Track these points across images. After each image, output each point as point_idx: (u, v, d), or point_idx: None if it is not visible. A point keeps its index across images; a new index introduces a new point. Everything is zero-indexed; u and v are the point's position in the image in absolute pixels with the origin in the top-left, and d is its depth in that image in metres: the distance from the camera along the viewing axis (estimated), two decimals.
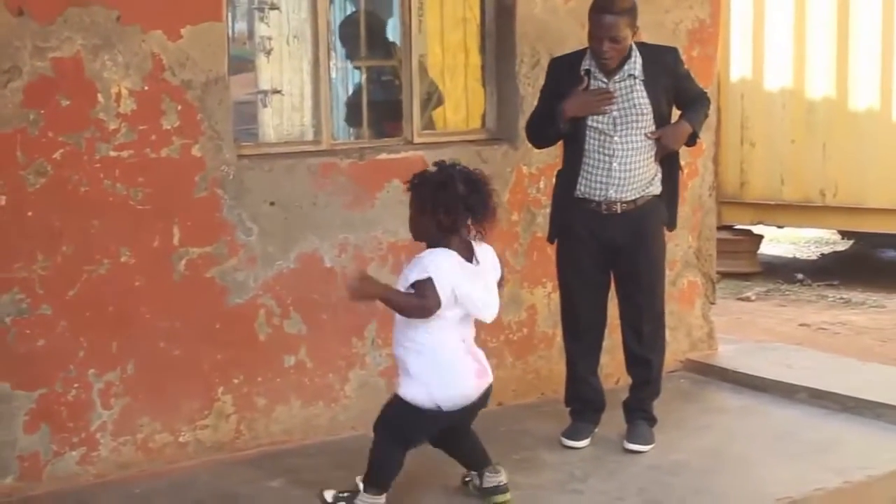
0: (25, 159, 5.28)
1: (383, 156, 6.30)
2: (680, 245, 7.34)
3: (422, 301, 4.88)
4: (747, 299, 11.46)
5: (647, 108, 5.76)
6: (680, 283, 7.46)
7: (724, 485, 5.58)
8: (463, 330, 5.06)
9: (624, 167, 5.76)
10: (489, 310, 5.07)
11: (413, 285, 4.89)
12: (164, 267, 5.67)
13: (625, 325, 6.07)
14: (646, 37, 6.69)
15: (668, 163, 5.94)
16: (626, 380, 6.21)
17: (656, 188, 5.89)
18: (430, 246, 5.01)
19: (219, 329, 5.84)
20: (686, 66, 6.10)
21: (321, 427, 6.04)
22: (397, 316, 5.04)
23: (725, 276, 11.45)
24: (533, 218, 6.73)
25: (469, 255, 5.00)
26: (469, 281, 4.95)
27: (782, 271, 12.98)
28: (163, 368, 5.71)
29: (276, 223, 5.95)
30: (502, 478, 5.28)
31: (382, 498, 5.09)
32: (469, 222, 4.97)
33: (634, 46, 5.78)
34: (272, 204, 5.95)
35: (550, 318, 6.71)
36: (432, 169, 5.07)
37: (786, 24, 12.32)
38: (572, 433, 6.06)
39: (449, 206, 4.91)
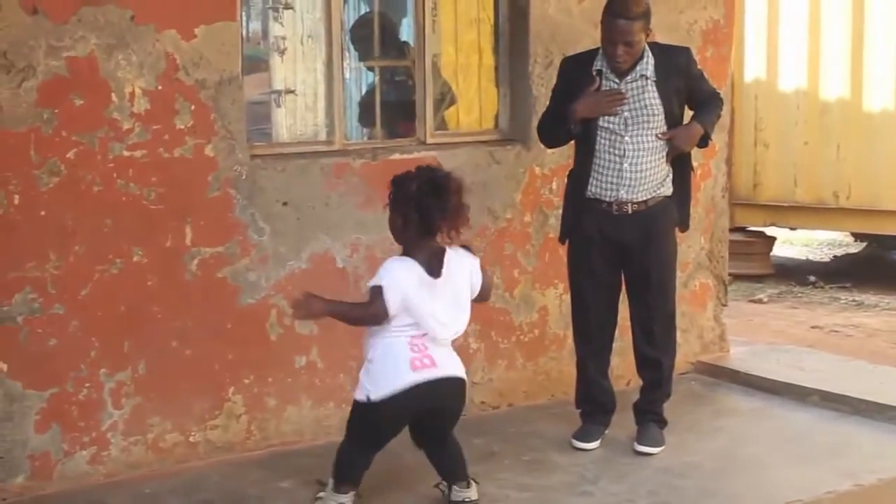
0: (39, 158, 5.29)
1: (396, 156, 6.29)
2: (692, 246, 7.33)
3: (367, 309, 4.95)
4: (759, 301, 11.45)
5: (659, 109, 5.75)
6: (692, 284, 7.45)
7: (734, 487, 5.58)
8: (415, 337, 5.01)
9: (635, 168, 5.75)
10: (444, 329, 5.04)
11: (369, 290, 4.96)
12: (176, 267, 5.68)
13: (635, 326, 6.06)
14: (660, 37, 6.68)
15: (680, 163, 5.93)
16: (637, 381, 6.20)
17: (667, 189, 5.88)
18: (403, 251, 5.06)
19: (230, 329, 5.84)
20: (699, 67, 6.09)
21: (332, 427, 6.03)
22: None
23: (738, 277, 11.44)
24: (545, 219, 6.72)
25: (436, 266, 4.99)
26: (427, 295, 4.96)
27: (795, 273, 12.96)
28: (174, 368, 5.72)
29: (289, 223, 5.95)
30: (472, 494, 5.24)
31: (349, 496, 5.11)
32: (435, 227, 4.97)
33: (647, 46, 5.77)
34: (285, 204, 5.95)
35: (562, 319, 6.71)
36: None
37: (800, 24, 12.30)
38: (583, 435, 6.05)
39: (401, 206, 4.99)
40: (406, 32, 7.08)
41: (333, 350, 6.08)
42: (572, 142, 5.97)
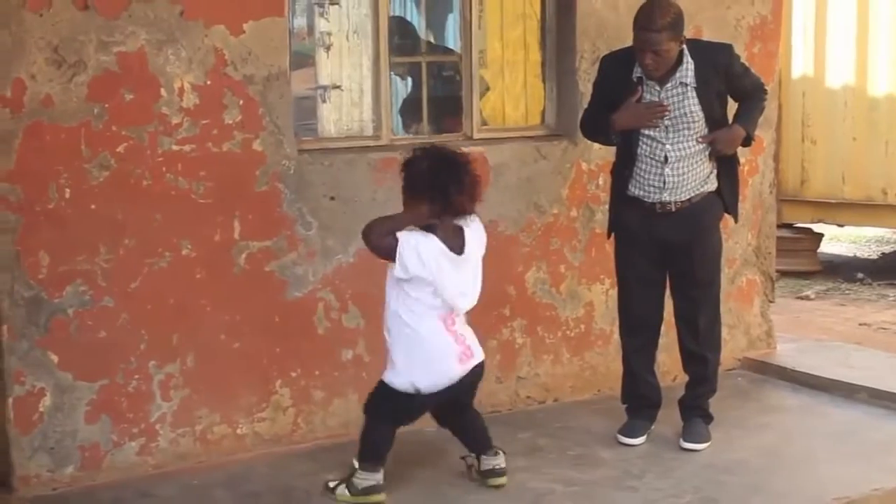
0: (89, 153, 5.35)
1: None
2: (739, 243, 7.31)
3: (381, 238, 5.06)
4: (807, 298, 11.37)
5: (699, 115, 5.72)
6: (739, 281, 7.42)
7: (781, 484, 5.56)
8: (443, 312, 5.13)
9: (676, 173, 5.73)
10: (465, 300, 5.19)
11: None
12: (224, 260, 5.72)
13: (681, 322, 6.06)
14: (707, 33, 6.69)
15: (726, 159, 5.89)
16: (683, 377, 6.19)
17: (711, 185, 5.86)
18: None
19: (278, 322, 5.88)
20: (742, 61, 6.03)
21: None
22: (386, 299, 5.19)
23: (785, 274, 11.37)
24: (592, 214, 6.72)
25: (458, 243, 5.12)
26: (450, 268, 5.08)
27: (842, 270, 12.86)
28: (222, 361, 5.76)
29: (336, 217, 5.98)
30: (500, 461, 5.42)
31: (379, 473, 5.23)
32: (454, 203, 5.07)
33: (686, 51, 5.71)
34: (332, 198, 5.98)
35: (608, 314, 6.71)
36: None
37: (848, 20, 12.18)
38: (629, 430, 6.06)
39: (417, 187, 5.09)
40: (453, 28, 7.10)
41: (380, 344, 6.04)
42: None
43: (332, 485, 5.33)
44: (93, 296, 5.42)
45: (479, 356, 5.27)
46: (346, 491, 5.26)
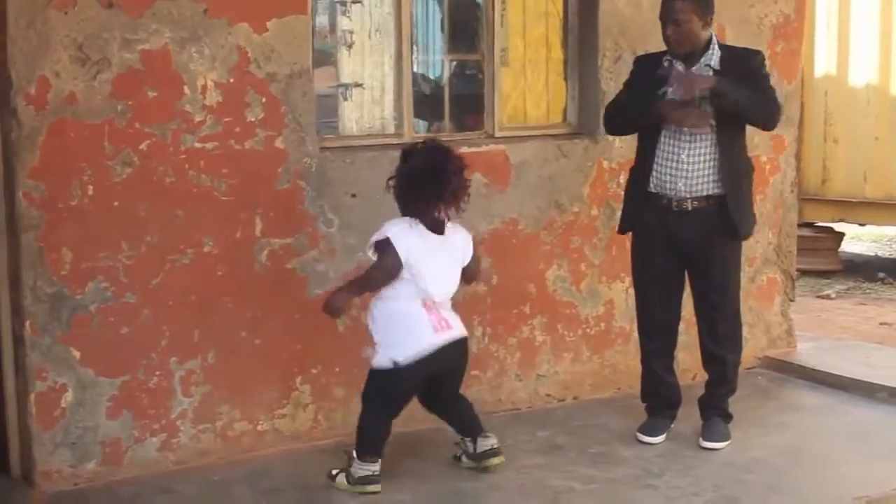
0: (112, 150, 5.38)
1: (464, 149, 6.28)
2: (760, 241, 7.29)
3: (383, 263, 5.19)
4: (827, 297, 11.35)
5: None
6: (759, 279, 7.42)
7: (801, 483, 5.56)
8: (423, 296, 5.26)
9: (692, 158, 5.72)
10: (437, 287, 5.30)
11: (375, 248, 5.21)
12: (246, 257, 5.74)
13: (700, 322, 6.06)
14: (730, 31, 6.69)
15: (735, 163, 5.85)
16: (703, 376, 6.18)
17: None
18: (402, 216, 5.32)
19: (299, 320, 5.90)
20: (767, 73, 5.92)
21: (398, 418, 6.07)
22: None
23: (805, 273, 11.36)
24: (612, 213, 6.71)
25: (439, 225, 5.28)
26: (427, 252, 5.22)
27: (863, 269, 12.84)
28: (243, 358, 5.79)
29: (357, 215, 5.99)
30: (494, 441, 5.54)
31: (376, 465, 5.34)
32: (433, 205, 5.23)
33: (716, 42, 5.75)
34: (354, 196, 6.00)
35: (628, 313, 6.70)
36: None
37: (871, 19, 12.15)
38: (648, 429, 6.06)
39: (404, 180, 5.30)
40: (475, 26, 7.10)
41: None
42: (636, 133, 5.98)
43: (334, 472, 5.44)
44: (115, 292, 5.45)
45: (458, 329, 5.38)
46: (345, 480, 5.36)
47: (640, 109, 5.81)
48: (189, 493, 5.41)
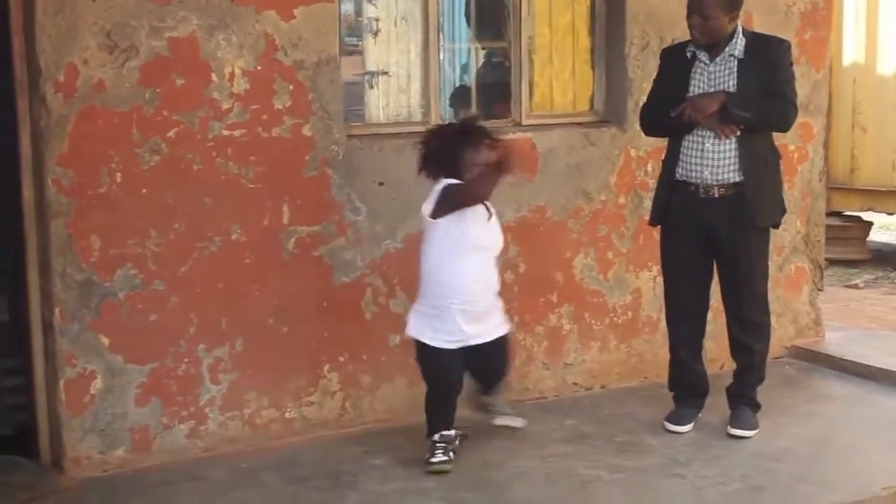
0: (140, 137, 5.39)
1: None
2: (788, 230, 7.26)
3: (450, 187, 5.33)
4: (855, 286, 11.29)
5: (735, 90, 5.70)
6: (787, 268, 7.39)
7: (828, 472, 5.53)
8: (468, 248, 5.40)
9: (716, 147, 5.71)
10: (481, 240, 5.45)
11: (443, 192, 5.31)
12: (273, 245, 5.75)
13: (728, 311, 6.03)
14: (757, 19, 6.66)
15: (756, 151, 5.82)
16: (731, 365, 6.16)
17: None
18: None
19: (326, 307, 5.91)
20: (791, 66, 5.86)
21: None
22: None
23: (833, 262, 11.30)
24: (640, 201, 6.70)
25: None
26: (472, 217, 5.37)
27: (892, 259, 12.77)
28: (271, 345, 5.80)
29: (384, 203, 6.00)
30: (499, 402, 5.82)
31: (451, 432, 5.47)
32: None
33: (741, 31, 5.74)
34: (381, 184, 6.00)
35: (656, 301, 6.69)
36: None
37: None
38: (676, 418, 6.05)
39: (433, 157, 5.46)
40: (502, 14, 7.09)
41: None
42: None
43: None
44: (143, 279, 5.47)
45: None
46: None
47: (671, 123, 5.80)
48: (217, 479, 5.43)
